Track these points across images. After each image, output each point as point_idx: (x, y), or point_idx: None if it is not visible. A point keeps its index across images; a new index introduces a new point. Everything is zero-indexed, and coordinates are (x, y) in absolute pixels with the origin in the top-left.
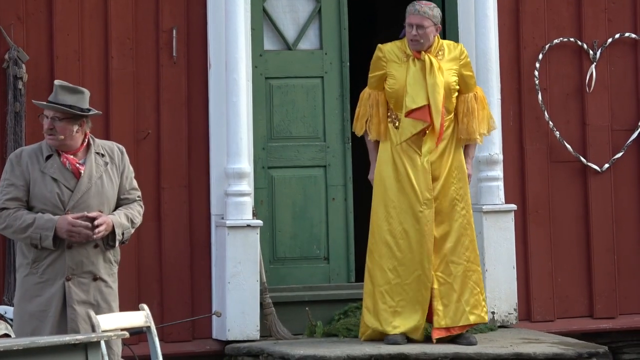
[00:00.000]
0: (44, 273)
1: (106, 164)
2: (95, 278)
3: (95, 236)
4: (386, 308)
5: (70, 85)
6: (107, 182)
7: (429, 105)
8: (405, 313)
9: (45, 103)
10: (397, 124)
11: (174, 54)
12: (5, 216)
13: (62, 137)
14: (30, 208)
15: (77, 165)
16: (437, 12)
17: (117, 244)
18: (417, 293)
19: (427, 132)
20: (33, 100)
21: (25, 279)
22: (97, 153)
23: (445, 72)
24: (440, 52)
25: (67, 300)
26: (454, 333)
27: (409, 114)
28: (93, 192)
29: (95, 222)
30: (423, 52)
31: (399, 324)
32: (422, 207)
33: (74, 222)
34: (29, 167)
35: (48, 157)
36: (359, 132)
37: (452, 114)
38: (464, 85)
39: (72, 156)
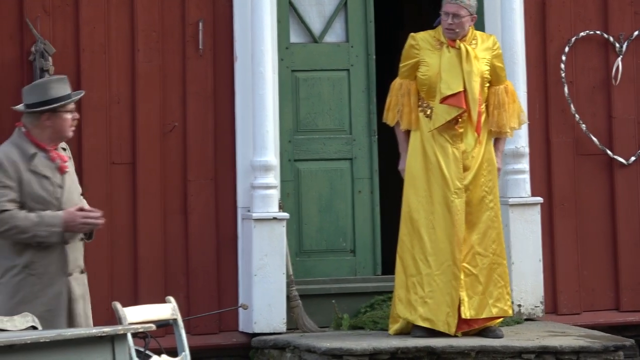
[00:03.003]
0: (44, 273)
1: (70, 158)
2: (82, 271)
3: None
4: (417, 298)
5: (55, 77)
6: (75, 176)
7: (464, 92)
8: (435, 304)
9: (72, 98)
10: (428, 113)
11: (200, 47)
12: (8, 218)
13: None
14: (22, 207)
15: (65, 162)
16: (473, 1)
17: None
18: (447, 284)
19: (460, 121)
20: (71, 99)
21: (21, 282)
22: (62, 148)
23: (479, 61)
24: (473, 42)
25: (71, 295)
26: (475, 326)
27: (444, 100)
28: (73, 187)
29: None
30: (458, 41)
31: (429, 315)
32: (453, 196)
33: (85, 213)
34: (19, 167)
35: (32, 156)
36: (391, 122)
37: (484, 104)
38: (495, 76)
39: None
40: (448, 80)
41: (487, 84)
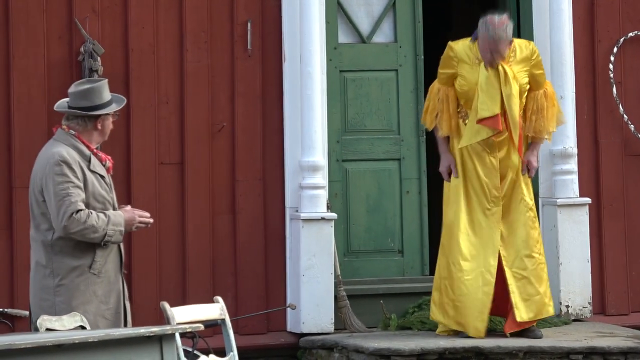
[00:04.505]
0: (105, 272)
1: None
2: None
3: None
4: (448, 301)
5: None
6: None
7: (504, 114)
8: (463, 308)
9: (124, 100)
10: (466, 121)
11: (248, 47)
12: (85, 217)
13: None
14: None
15: (112, 163)
16: (509, 29)
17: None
18: (477, 289)
19: (495, 140)
20: (115, 110)
21: (84, 283)
22: None
23: (517, 76)
24: (512, 54)
25: (124, 294)
26: (525, 326)
27: (481, 121)
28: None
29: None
30: None
31: (459, 319)
32: (490, 204)
33: (140, 212)
34: (82, 166)
35: (89, 156)
36: (429, 126)
37: (521, 111)
38: (535, 83)
39: None
40: (486, 102)
41: (526, 93)
